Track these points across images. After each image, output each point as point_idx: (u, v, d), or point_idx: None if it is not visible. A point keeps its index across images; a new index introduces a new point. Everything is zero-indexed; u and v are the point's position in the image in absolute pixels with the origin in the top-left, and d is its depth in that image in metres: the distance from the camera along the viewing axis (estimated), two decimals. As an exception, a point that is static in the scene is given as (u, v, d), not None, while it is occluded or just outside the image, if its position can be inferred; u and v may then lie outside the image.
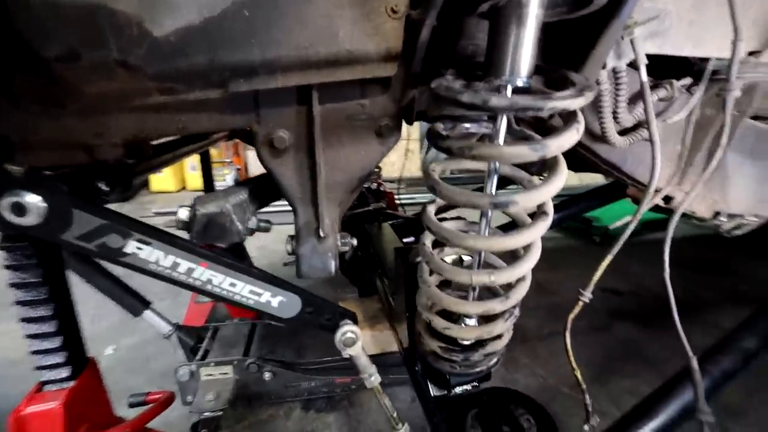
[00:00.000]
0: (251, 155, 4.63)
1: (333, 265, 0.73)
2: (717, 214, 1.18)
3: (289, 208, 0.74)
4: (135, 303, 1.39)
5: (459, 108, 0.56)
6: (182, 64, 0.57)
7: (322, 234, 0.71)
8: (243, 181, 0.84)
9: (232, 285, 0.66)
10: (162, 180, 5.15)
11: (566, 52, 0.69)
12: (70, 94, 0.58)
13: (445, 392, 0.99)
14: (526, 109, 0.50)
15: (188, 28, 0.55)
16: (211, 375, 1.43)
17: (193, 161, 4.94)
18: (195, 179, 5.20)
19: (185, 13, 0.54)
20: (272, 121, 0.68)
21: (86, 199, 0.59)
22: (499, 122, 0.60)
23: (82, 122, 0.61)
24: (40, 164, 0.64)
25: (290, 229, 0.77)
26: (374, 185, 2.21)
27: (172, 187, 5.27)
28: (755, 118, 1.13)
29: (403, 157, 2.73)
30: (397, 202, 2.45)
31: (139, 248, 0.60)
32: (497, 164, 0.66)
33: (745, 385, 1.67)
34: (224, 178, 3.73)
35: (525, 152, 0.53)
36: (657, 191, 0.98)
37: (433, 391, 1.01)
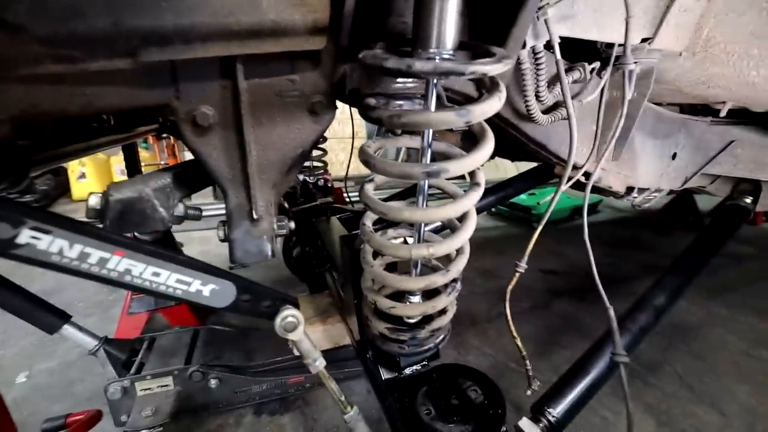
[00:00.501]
0: (189, 156, 4.33)
1: (269, 248, 0.70)
2: (630, 189, 1.32)
3: None
4: (50, 319, 1.21)
5: (385, 74, 0.56)
6: (79, 26, 0.51)
7: (255, 216, 0.68)
8: (168, 167, 0.77)
9: (156, 275, 0.60)
10: (85, 186, 4.60)
11: (489, 30, 0.73)
12: (-67, 59, 0.49)
13: (396, 374, 0.99)
14: (448, 72, 0.51)
15: (84, -15, 0.49)
16: (148, 389, 1.30)
17: (121, 164, 4.50)
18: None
19: (79, -32, 0.49)
20: (194, 96, 0.64)
21: (-38, 183, 0.50)
22: (429, 93, 0.61)
23: (-46, 94, 0.52)
24: None
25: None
26: (321, 181, 2.18)
27: (98, 195, 4.74)
28: (656, 103, 1.28)
29: (350, 155, 2.71)
30: (347, 198, 2.44)
31: (35, 238, 0.52)
32: (429, 139, 0.67)
33: (659, 344, 1.89)
34: (158, 181, 3.43)
35: (451, 118, 0.54)
36: (578, 168, 1.07)
37: (384, 374, 1.01)
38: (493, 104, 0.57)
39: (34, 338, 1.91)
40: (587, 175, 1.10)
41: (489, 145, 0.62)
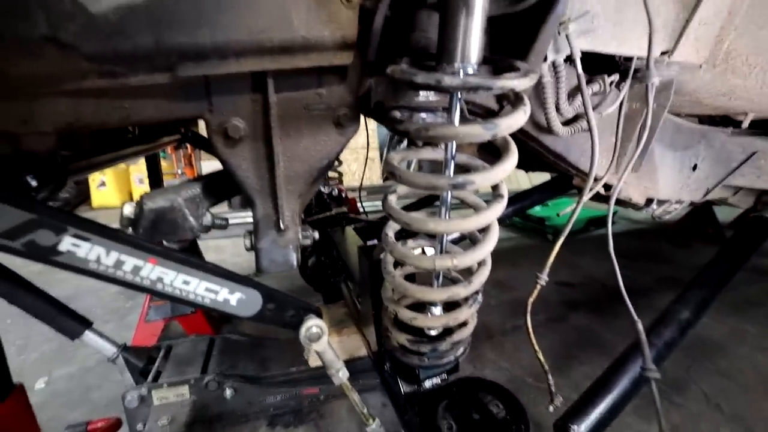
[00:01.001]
0: (205, 166, 4.41)
1: (295, 258, 0.71)
2: (650, 201, 1.30)
3: (245, 219, 0.71)
4: (72, 324, 1.24)
5: (414, 89, 0.58)
6: (124, 45, 0.54)
7: (282, 226, 0.69)
8: (197, 177, 0.80)
9: (186, 283, 0.61)
10: (105, 194, 4.72)
11: (512, 45, 0.74)
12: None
13: (416, 387, 0.98)
14: (477, 87, 0.53)
15: (130, 6, 0.52)
16: (164, 398, 1.31)
17: (140, 173, 4.62)
18: (142, 192, 4.83)
19: (126, -9, 0.51)
20: (226, 109, 0.66)
21: (8, 191, 0.53)
22: (453, 106, 0.62)
23: (5, 108, 0.55)
24: (-49, 156, 0.56)
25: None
26: (336, 191, 2.20)
27: (117, 202, 4.81)
28: (675, 114, 1.27)
29: (364, 165, 2.76)
30: (360, 209, 2.45)
31: (75, 245, 0.54)
32: (453, 151, 0.68)
33: (683, 361, 1.83)
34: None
35: (479, 131, 0.55)
36: (598, 180, 1.06)
37: (404, 387, 1.00)
38: (519, 118, 0.58)
39: (54, 344, 1.94)
40: (607, 186, 1.10)
41: (513, 157, 0.63)
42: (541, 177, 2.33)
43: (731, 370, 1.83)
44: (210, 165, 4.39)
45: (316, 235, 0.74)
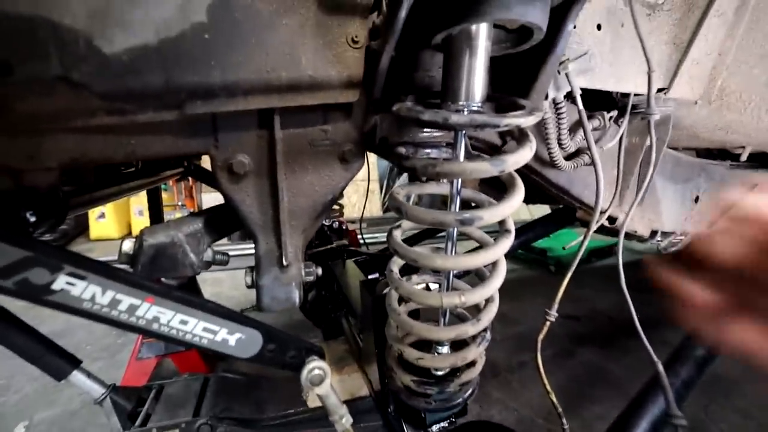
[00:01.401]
0: (206, 198, 4.43)
1: (297, 295, 0.69)
2: (654, 233, 1.29)
3: (243, 251, 0.69)
4: (60, 363, 1.18)
5: (421, 126, 0.58)
6: (135, 83, 0.55)
7: (285, 262, 0.67)
8: (198, 212, 0.79)
9: (183, 323, 0.59)
10: (104, 226, 4.69)
11: (514, 83, 0.76)
12: (-3, 111, 0.52)
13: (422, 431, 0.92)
14: (484, 125, 0.53)
15: (143, 47, 0.53)
16: (152, 444, 1.23)
17: (140, 205, 4.62)
18: (141, 224, 4.80)
19: (140, 32, 0.53)
20: (231, 145, 0.66)
21: (5, 227, 0.51)
22: (458, 142, 0.63)
23: (9, 143, 0.55)
24: (-50, 191, 0.55)
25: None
26: (336, 224, 2.19)
27: (115, 234, 4.78)
28: (672, 148, 1.30)
29: (365, 198, 2.77)
30: (361, 241, 2.44)
31: (70, 284, 0.52)
32: (459, 186, 0.68)
33: (700, 400, 1.75)
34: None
35: (486, 167, 0.55)
36: (603, 212, 1.06)
37: (409, 431, 0.94)
38: (526, 154, 0.58)
39: (37, 384, 1.85)
40: (611, 219, 1.09)
41: (520, 193, 0.63)
42: (542, 209, 2.33)
43: (750, 408, 1.74)
44: (210, 197, 4.42)
45: (320, 271, 0.72)
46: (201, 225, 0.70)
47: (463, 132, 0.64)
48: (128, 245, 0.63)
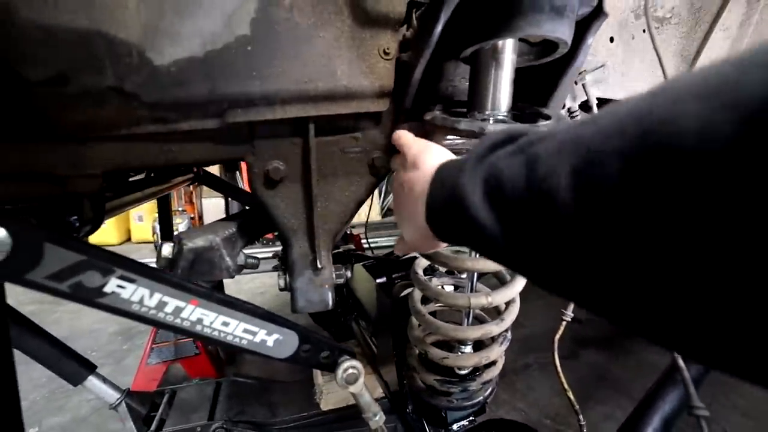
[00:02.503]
0: (206, 203, 4.41)
1: (331, 297, 0.71)
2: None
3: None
4: (76, 369, 1.19)
5: (457, 135, 0.61)
6: (181, 93, 0.57)
7: (319, 265, 0.69)
8: (231, 215, 0.81)
9: (225, 324, 0.60)
10: (102, 232, 4.62)
11: (533, 93, 0.79)
12: (50, 119, 0.54)
13: (443, 430, 0.94)
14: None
15: (190, 59, 0.56)
16: (167, 449, 1.23)
17: (140, 211, 4.59)
18: (141, 231, 4.77)
19: (188, 45, 0.55)
20: (267, 152, 0.68)
21: (58, 231, 0.53)
22: (487, 150, 0.66)
23: (57, 151, 0.57)
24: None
25: (248, 279, 0.71)
26: (341, 227, 2.21)
27: (115, 240, 4.75)
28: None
29: (370, 203, 2.80)
30: (365, 245, 2.45)
31: (121, 287, 0.54)
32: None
33: (702, 399, 1.78)
34: (177, 227, 3.49)
35: (517, 173, 0.58)
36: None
37: (429, 430, 0.96)
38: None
39: (45, 390, 1.83)
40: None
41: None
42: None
43: (750, 408, 1.78)
44: (210, 202, 4.40)
45: (349, 273, 0.75)
46: (235, 229, 0.72)
47: (490, 140, 0.67)
48: (167, 249, 0.65)
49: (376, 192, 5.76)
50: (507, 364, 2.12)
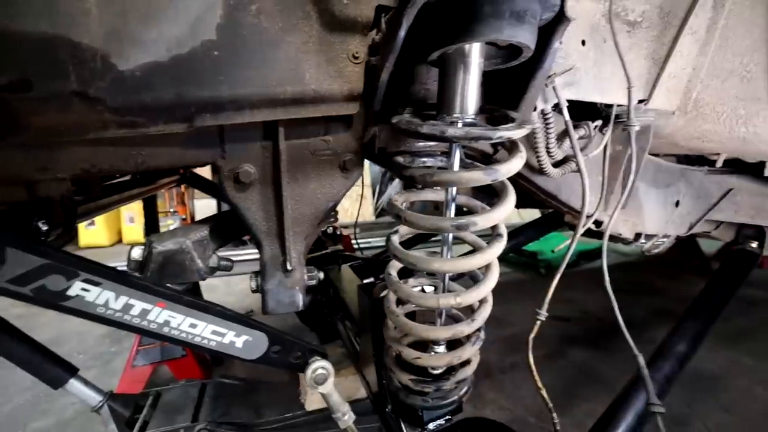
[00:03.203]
0: (198, 204, 4.40)
1: (301, 299, 0.72)
2: (638, 235, 1.35)
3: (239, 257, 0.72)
4: (57, 372, 1.18)
5: (419, 139, 0.62)
6: (147, 97, 0.57)
7: (289, 267, 0.70)
8: (205, 218, 0.81)
9: (193, 326, 0.61)
10: (94, 233, 4.61)
11: (504, 96, 0.81)
12: (14, 125, 0.54)
13: (419, 430, 0.95)
14: (478, 138, 0.57)
15: (156, 64, 0.56)
16: (150, 451, 1.23)
17: (131, 212, 4.56)
18: (132, 232, 4.74)
19: (153, 50, 0.56)
20: (238, 156, 0.69)
21: (20, 236, 0.53)
22: (453, 153, 0.67)
23: (24, 155, 0.57)
24: (-34, 203, 0.57)
25: (239, 281, 0.73)
26: (330, 229, 2.21)
27: (106, 242, 4.71)
28: (653, 155, 1.36)
29: (357, 203, 2.81)
30: (355, 245, 2.46)
31: (85, 290, 0.54)
32: (454, 193, 0.72)
33: (684, 396, 1.81)
34: (168, 228, 3.48)
35: (480, 176, 0.59)
36: (589, 216, 1.11)
37: (407, 430, 0.97)
38: (517, 163, 0.62)
39: (29, 394, 1.82)
40: (597, 222, 1.15)
41: (512, 199, 0.67)
42: (533, 212, 2.40)
43: (732, 404, 1.81)
44: (203, 203, 4.39)
45: (321, 275, 0.76)
46: (207, 232, 0.73)
47: (458, 143, 0.68)
48: (138, 252, 0.65)
49: (368, 192, 5.76)
50: (494, 363, 2.14)
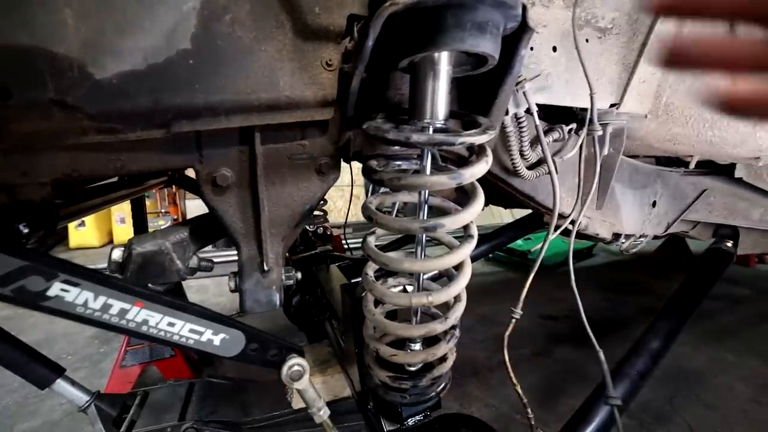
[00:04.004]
0: (189, 204, 4.40)
1: (278, 298, 0.74)
2: (617, 236, 1.39)
3: (228, 258, 0.74)
4: (43, 372, 1.19)
5: (386, 144, 0.65)
6: (124, 105, 0.60)
7: (266, 267, 0.73)
8: (184, 221, 0.83)
9: (171, 325, 0.63)
10: (84, 234, 4.60)
11: (477, 101, 0.83)
12: (-6, 132, 0.56)
13: (398, 426, 0.98)
14: (441, 143, 0.60)
15: (132, 72, 0.58)
16: (137, 450, 1.25)
17: (122, 212, 4.56)
18: (123, 233, 4.73)
19: (129, 59, 0.58)
20: (215, 160, 0.71)
21: (1, 239, 0.55)
22: (425, 156, 0.70)
23: (5, 161, 0.59)
24: (-53, 207, 0.59)
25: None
26: (321, 229, 2.23)
27: (96, 242, 4.69)
28: (631, 156, 1.40)
29: (349, 203, 2.84)
30: (345, 246, 2.48)
31: (64, 290, 0.56)
32: (426, 196, 0.75)
33: (666, 393, 1.85)
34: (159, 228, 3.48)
35: (445, 180, 0.62)
36: (565, 217, 1.14)
37: (386, 426, 0.99)
38: (481, 167, 0.65)
39: (17, 395, 1.83)
40: (574, 222, 1.18)
41: (480, 201, 0.70)
42: (522, 212, 2.43)
43: (713, 400, 1.85)
44: (194, 203, 4.39)
45: (299, 275, 0.78)
46: (186, 234, 0.75)
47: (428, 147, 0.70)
48: (117, 253, 0.67)
49: (361, 192, 5.77)
50: (481, 361, 2.17)
